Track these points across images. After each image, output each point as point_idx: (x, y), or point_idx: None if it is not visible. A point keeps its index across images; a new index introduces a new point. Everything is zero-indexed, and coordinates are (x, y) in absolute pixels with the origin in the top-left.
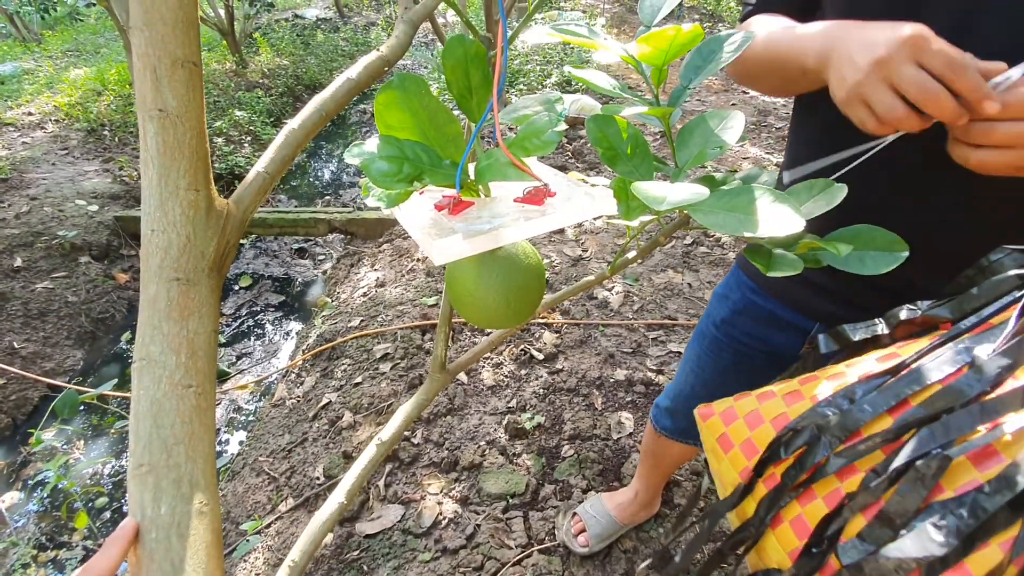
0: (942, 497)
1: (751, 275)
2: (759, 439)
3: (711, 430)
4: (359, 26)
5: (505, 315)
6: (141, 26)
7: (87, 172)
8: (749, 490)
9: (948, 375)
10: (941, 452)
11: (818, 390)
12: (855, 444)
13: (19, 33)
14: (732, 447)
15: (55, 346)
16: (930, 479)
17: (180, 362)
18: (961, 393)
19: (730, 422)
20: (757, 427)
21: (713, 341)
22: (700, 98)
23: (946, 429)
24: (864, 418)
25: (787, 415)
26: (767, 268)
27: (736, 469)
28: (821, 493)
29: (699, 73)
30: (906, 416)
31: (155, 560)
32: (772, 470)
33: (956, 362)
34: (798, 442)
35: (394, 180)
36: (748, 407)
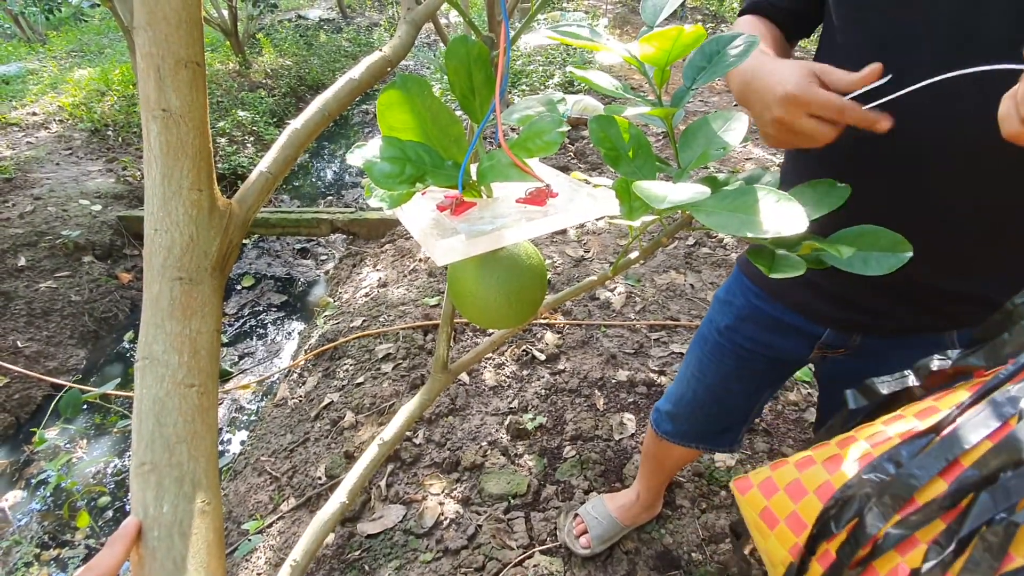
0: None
1: (754, 279)
2: (805, 512)
3: (751, 504)
4: (362, 27)
5: (507, 315)
6: (145, 26)
7: (91, 172)
8: (803, 570)
9: (997, 429)
10: (1006, 518)
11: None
12: (911, 514)
13: (24, 33)
14: (777, 523)
15: (58, 345)
16: (998, 548)
17: (183, 361)
18: (1015, 449)
19: (771, 495)
20: (801, 499)
21: (715, 346)
22: (703, 99)
23: (1007, 492)
24: (916, 484)
25: (831, 484)
26: (770, 269)
27: (785, 547)
28: (883, 570)
29: (702, 74)
30: (961, 479)
31: (157, 559)
32: (825, 546)
33: (1003, 415)
34: (848, 514)
35: (396, 181)
36: (787, 477)
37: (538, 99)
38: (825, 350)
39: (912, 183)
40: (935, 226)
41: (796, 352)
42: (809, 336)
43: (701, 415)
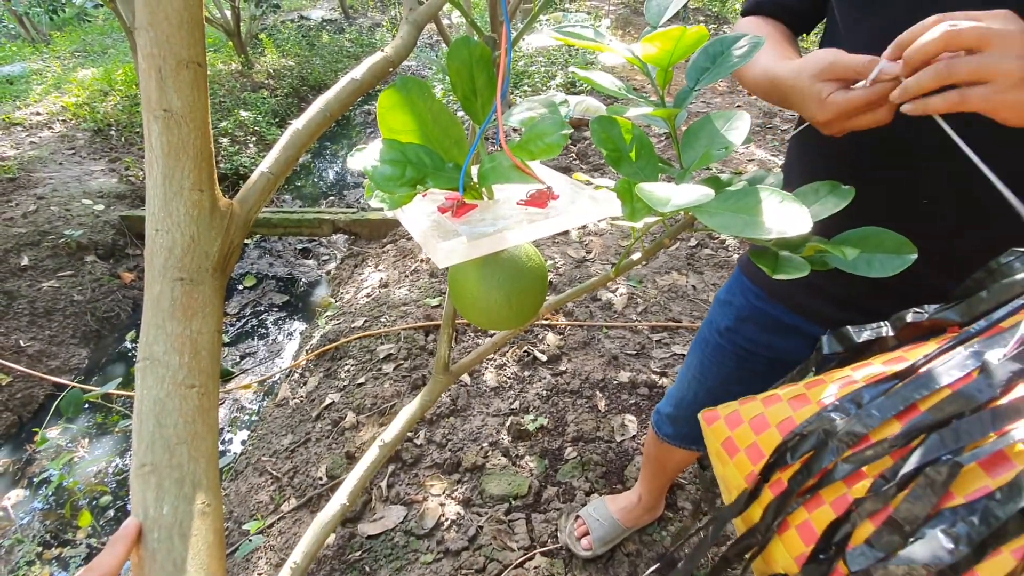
0: (952, 504)
1: (755, 279)
2: (765, 444)
3: (715, 434)
4: (364, 27)
5: (508, 316)
6: (146, 26)
7: (93, 172)
8: (755, 495)
9: (958, 380)
10: (951, 458)
11: (824, 394)
12: (863, 450)
13: (28, 34)
14: (737, 451)
15: (60, 344)
16: (940, 485)
17: (183, 362)
18: (971, 398)
19: (735, 426)
20: (763, 431)
21: (716, 348)
22: (705, 99)
23: (956, 435)
24: (872, 423)
25: (793, 419)
26: (773, 271)
27: (742, 474)
28: (828, 499)
29: (705, 75)
30: (915, 421)
31: (157, 560)
32: (778, 475)
33: (966, 367)
34: (805, 447)
35: (397, 184)
36: (753, 411)
37: (540, 100)
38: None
39: (911, 184)
40: (935, 227)
41: (796, 353)
42: (809, 337)
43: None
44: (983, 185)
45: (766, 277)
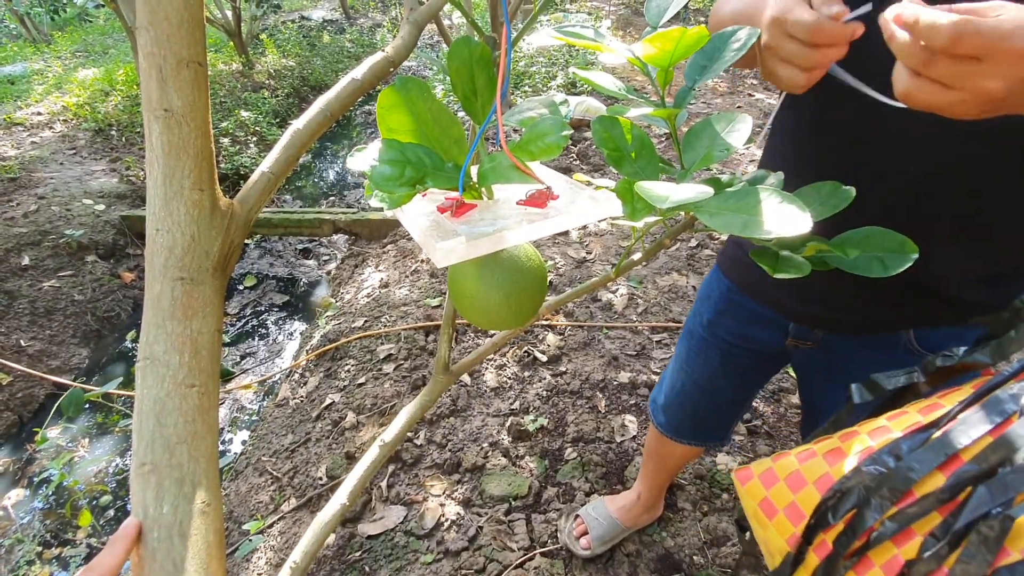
0: (1008, 561)
1: (727, 274)
2: (804, 503)
3: (751, 494)
4: (365, 28)
5: (507, 317)
6: (147, 26)
7: (94, 172)
8: (800, 560)
9: (998, 425)
10: (1002, 512)
11: (861, 447)
12: (908, 506)
13: (29, 34)
14: (776, 513)
15: (61, 344)
16: (994, 542)
17: (184, 361)
18: (1014, 445)
19: (770, 485)
20: (800, 490)
21: (700, 341)
22: (706, 100)
23: (1004, 486)
24: (915, 476)
25: (830, 475)
26: (773, 270)
27: (783, 536)
28: (878, 561)
29: (704, 73)
30: (959, 473)
31: (157, 560)
32: (822, 536)
33: (1004, 412)
34: (846, 505)
35: (396, 184)
36: (788, 468)
37: (541, 100)
38: (797, 341)
39: (879, 182)
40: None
41: (774, 344)
42: (782, 327)
43: (690, 408)
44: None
45: (736, 271)
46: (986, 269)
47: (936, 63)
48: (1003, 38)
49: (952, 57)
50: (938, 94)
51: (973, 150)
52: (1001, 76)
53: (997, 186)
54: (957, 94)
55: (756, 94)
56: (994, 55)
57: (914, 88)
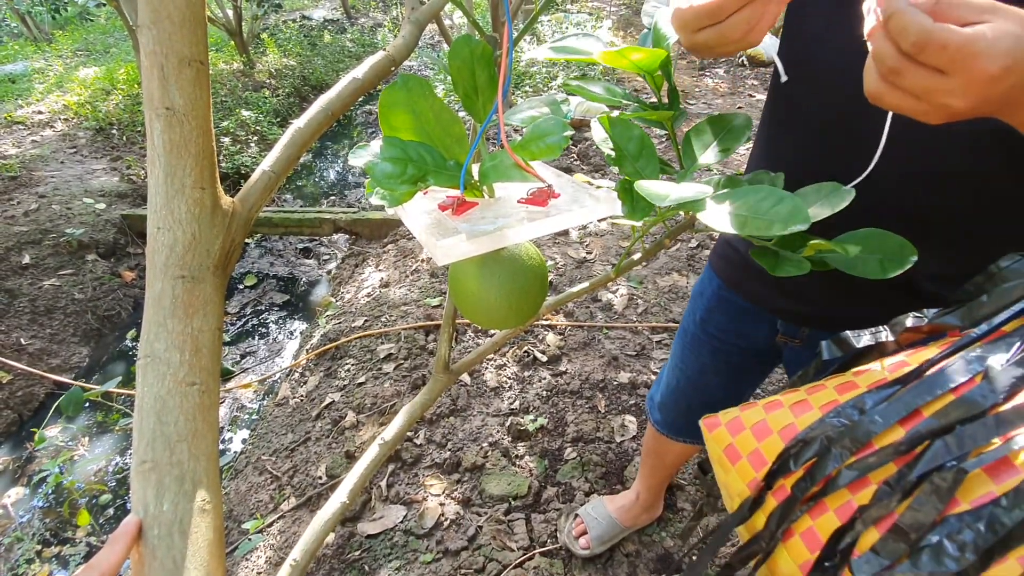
0: (958, 510)
1: (717, 271)
2: (767, 450)
3: (717, 441)
4: (366, 27)
5: (507, 316)
6: (149, 24)
7: (95, 171)
8: (759, 503)
9: (961, 385)
10: (956, 464)
11: (826, 400)
12: (867, 456)
13: (30, 32)
14: (740, 458)
15: (61, 343)
16: (945, 492)
17: (184, 359)
18: (975, 404)
19: (736, 433)
20: (765, 438)
21: (693, 338)
22: (707, 101)
23: (960, 441)
24: (876, 429)
25: (795, 426)
26: (773, 269)
27: (744, 481)
28: (833, 506)
29: None
30: (919, 427)
31: (157, 557)
32: (782, 482)
33: (968, 372)
34: (808, 454)
35: (398, 181)
36: (755, 417)
37: (542, 100)
38: (785, 338)
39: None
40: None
41: (764, 341)
42: (771, 325)
43: (684, 406)
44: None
45: (725, 268)
46: (968, 269)
47: (904, 72)
48: (971, 56)
49: (918, 65)
50: (904, 100)
51: (957, 150)
52: (965, 95)
53: (983, 186)
54: (921, 105)
55: (756, 95)
56: (959, 73)
57: (883, 91)
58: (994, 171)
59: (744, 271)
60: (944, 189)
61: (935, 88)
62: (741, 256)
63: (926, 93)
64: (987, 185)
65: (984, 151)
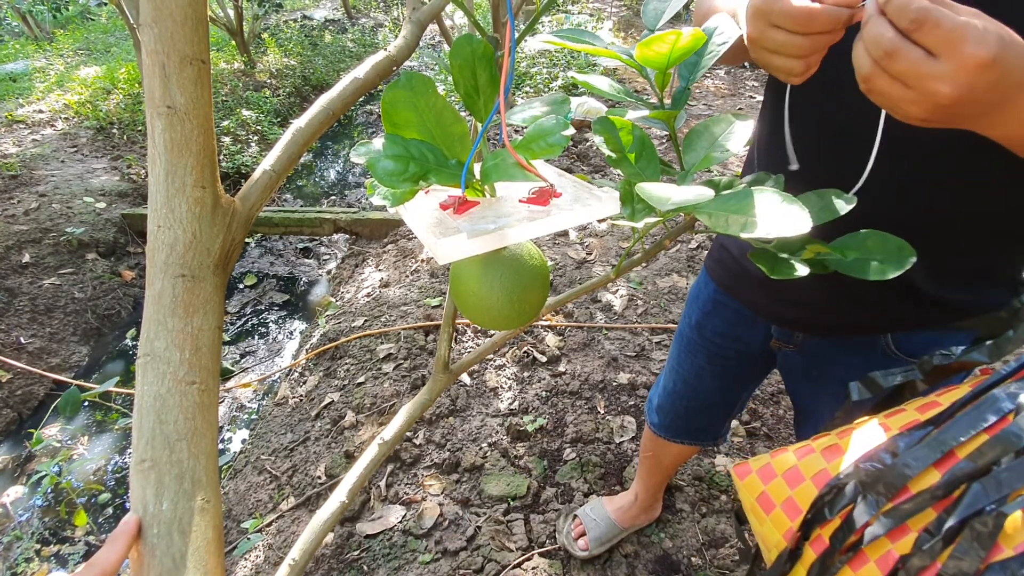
0: (1001, 557)
1: (713, 276)
2: (801, 498)
3: (749, 489)
4: (367, 27)
5: (509, 316)
6: (151, 23)
7: (95, 170)
8: (797, 555)
9: (994, 423)
10: (996, 509)
11: (858, 443)
12: (903, 502)
13: (31, 31)
14: (773, 507)
15: (61, 342)
16: (987, 538)
17: (184, 358)
18: (1010, 443)
19: (768, 480)
20: (798, 485)
21: (689, 342)
22: (707, 102)
23: (998, 484)
24: (910, 473)
25: (828, 471)
26: (771, 271)
27: (780, 531)
28: (873, 556)
29: (695, 70)
30: (955, 470)
31: (156, 556)
32: (818, 532)
33: (1000, 410)
34: (843, 501)
35: (399, 179)
36: (786, 464)
37: (543, 100)
38: (779, 343)
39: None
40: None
41: (759, 345)
42: (766, 329)
43: (682, 408)
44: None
45: (721, 273)
46: (962, 271)
47: (897, 54)
48: (962, 40)
49: (911, 46)
50: (892, 85)
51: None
52: (953, 81)
53: (974, 189)
54: (908, 92)
55: (757, 96)
56: (950, 55)
57: (874, 74)
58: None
59: (739, 276)
60: (946, 194)
61: (925, 73)
62: (736, 260)
63: (916, 79)
64: (985, 189)
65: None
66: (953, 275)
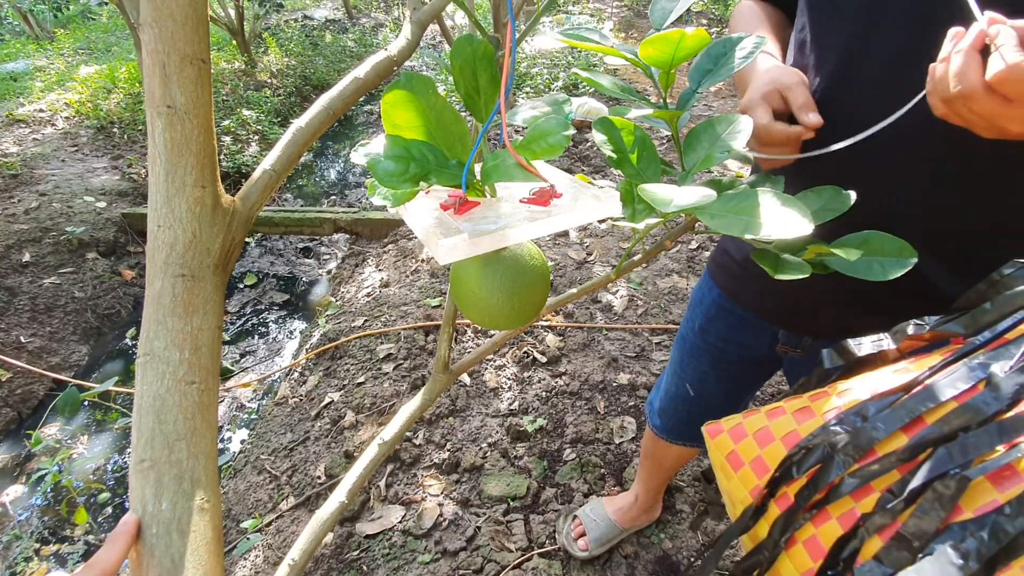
0: (961, 518)
1: (717, 281)
2: (770, 457)
3: (719, 447)
4: (367, 27)
5: (509, 316)
6: (151, 22)
7: (96, 169)
8: (761, 511)
9: (963, 392)
10: (959, 472)
11: (829, 407)
12: (869, 463)
13: (32, 31)
14: (742, 465)
15: (61, 341)
16: (948, 500)
17: (184, 358)
18: (978, 411)
19: (739, 439)
20: (768, 445)
21: (692, 346)
22: (707, 103)
23: (963, 449)
24: (878, 436)
25: (798, 432)
26: (774, 271)
27: (747, 488)
28: (836, 514)
29: (708, 76)
30: (922, 435)
31: (155, 556)
32: (784, 490)
33: (971, 379)
34: (811, 461)
35: (400, 180)
36: (757, 424)
37: (544, 100)
38: (786, 348)
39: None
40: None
41: (764, 350)
42: (772, 333)
43: (684, 412)
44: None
45: (724, 279)
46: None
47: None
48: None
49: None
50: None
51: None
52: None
53: (995, 193)
54: (982, 122)
55: None
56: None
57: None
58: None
59: (743, 281)
60: (966, 198)
61: (1001, 114)
62: (739, 265)
63: (991, 118)
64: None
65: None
66: (972, 275)
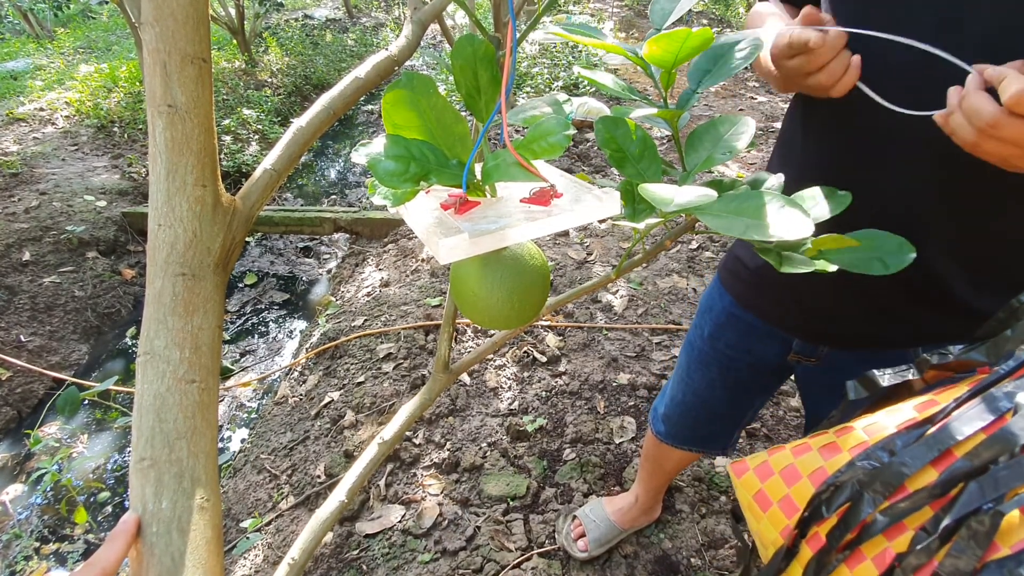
0: (998, 556)
1: (729, 289)
2: (798, 496)
3: (746, 486)
4: (368, 27)
5: (509, 316)
6: (152, 21)
7: (96, 168)
8: (793, 552)
9: (991, 423)
10: (992, 507)
11: (855, 441)
12: (900, 500)
13: (32, 30)
14: (770, 505)
15: (61, 340)
16: (984, 537)
17: (184, 357)
18: (1007, 442)
19: (766, 478)
20: (795, 483)
21: (700, 353)
22: (708, 103)
23: (995, 482)
24: (907, 472)
25: (825, 469)
26: (779, 265)
27: (776, 529)
28: (870, 554)
29: (707, 77)
30: (952, 469)
31: (155, 554)
32: (815, 529)
33: (998, 409)
34: (840, 499)
35: (400, 179)
36: (783, 461)
37: (544, 100)
38: (799, 357)
39: (881, 187)
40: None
41: (775, 358)
42: (784, 342)
43: (690, 419)
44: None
45: (736, 285)
46: (998, 280)
47: (1001, 125)
48: None
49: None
50: (1001, 147)
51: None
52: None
53: (1008, 196)
54: (1016, 151)
55: (758, 96)
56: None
57: (981, 140)
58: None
59: (757, 289)
60: (979, 202)
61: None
62: (752, 272)
63: (1020, 140)
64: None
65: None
66: (993, 286)
